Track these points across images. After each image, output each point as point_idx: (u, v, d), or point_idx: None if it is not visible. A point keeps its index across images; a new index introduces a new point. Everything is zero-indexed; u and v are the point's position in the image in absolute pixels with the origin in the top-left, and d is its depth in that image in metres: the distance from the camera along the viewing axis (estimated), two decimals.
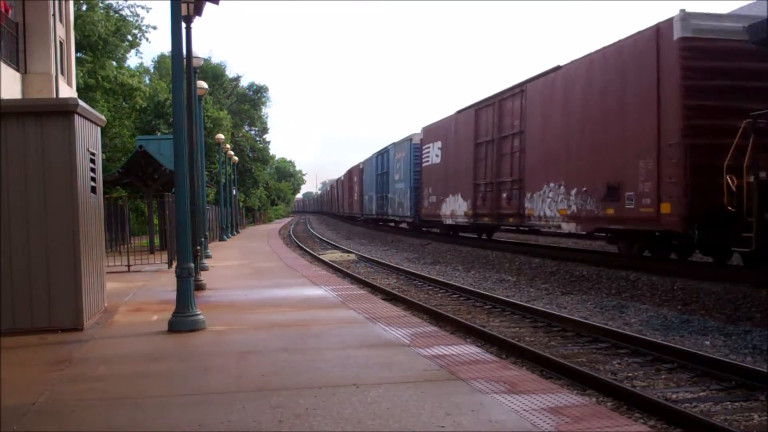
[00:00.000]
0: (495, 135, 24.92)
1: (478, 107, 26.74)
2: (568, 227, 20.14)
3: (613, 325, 11.67)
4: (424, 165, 34.50)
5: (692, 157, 14.72)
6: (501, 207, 24.53)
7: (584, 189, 18.77)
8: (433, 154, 32.72)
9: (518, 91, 23.25)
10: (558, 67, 20.95)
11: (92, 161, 10.36)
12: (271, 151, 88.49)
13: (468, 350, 7.84)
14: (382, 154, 46.60)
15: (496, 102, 24.98)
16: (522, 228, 27.72)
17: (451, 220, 30.31)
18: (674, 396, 7.65)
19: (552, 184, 20.64)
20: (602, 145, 17.88)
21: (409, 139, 37.93)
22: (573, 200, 19.41)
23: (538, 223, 22.28)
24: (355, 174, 63.37)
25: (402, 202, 39.64)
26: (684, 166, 14.84)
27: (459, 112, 29.02)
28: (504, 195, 24.20)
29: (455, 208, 29.38)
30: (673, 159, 15.11)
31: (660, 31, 15.80)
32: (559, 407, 5.53)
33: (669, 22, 15.54)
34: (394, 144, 42.81)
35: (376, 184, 48.33)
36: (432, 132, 33.45)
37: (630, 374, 8.65)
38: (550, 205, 20.85)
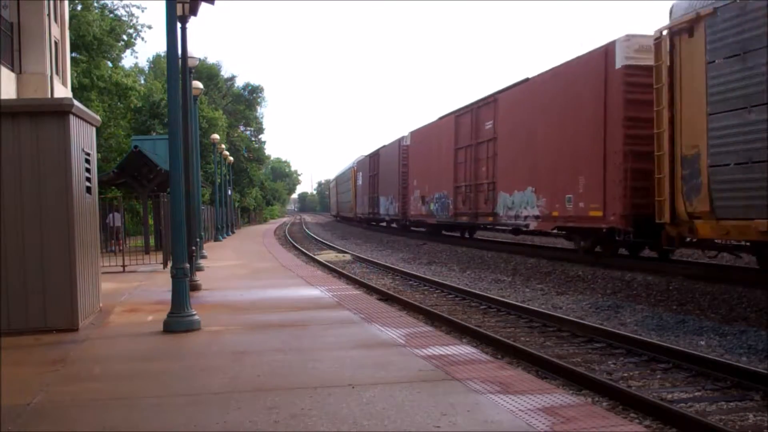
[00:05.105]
0: None
1: None
2: None
3: (608, 325, 11.68)
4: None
5: None
6: None
7: None
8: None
9: None
10: None
11: (87, 161, 10.34)
12: (267, 151, 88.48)
13: (463, 350, 7.84)
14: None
15: None
16: None
17: None
18: (669, 396, 7.66)
19: None
20: None
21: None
22: None
23: None
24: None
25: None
26: None
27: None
28: None
29: None
30: None
31: None
32: (555, 407, 5.54)
33: None
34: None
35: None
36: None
37: (625, 374, 8.66)
38: None
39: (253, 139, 78.87)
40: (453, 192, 29.10)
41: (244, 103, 77.90)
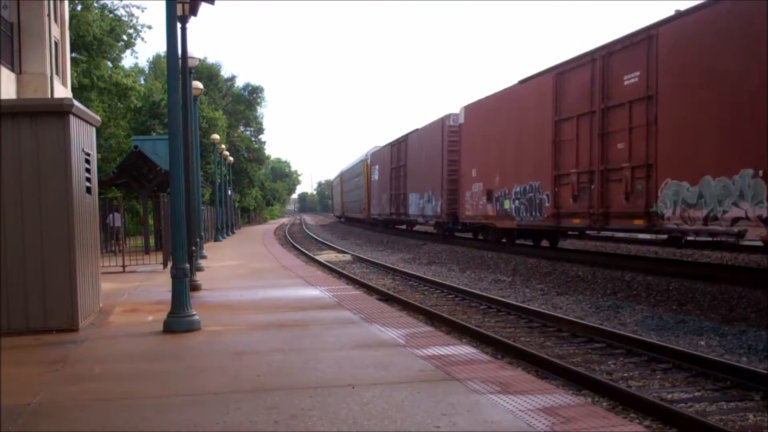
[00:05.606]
0: None
1: None
2: None
3: (608, 325, 11.69)
4: None
5: None
6: None
7: None
8: None
9: None
10: None
11: (87, 161, 10.34)
12: (267, 152, 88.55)
13: (463, 350, 7.84)
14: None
15: None
16: None
17: None
18: (669, 396, 7.67)
19: None
20: None
21: None
22: None
23: None
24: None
25: None
26: None
27: None
28: None
29: None
30: None
31: None
32: (555, 407, 5.54)
33: None
34: None
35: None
36: None
37: (625, 374, 8.66)
38: None
39: (253, 139, 78.92)
40: (551, 183, 20.61)
41: (244, 103, 77.95)
